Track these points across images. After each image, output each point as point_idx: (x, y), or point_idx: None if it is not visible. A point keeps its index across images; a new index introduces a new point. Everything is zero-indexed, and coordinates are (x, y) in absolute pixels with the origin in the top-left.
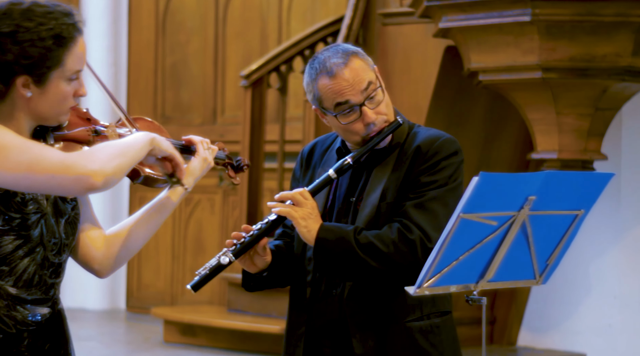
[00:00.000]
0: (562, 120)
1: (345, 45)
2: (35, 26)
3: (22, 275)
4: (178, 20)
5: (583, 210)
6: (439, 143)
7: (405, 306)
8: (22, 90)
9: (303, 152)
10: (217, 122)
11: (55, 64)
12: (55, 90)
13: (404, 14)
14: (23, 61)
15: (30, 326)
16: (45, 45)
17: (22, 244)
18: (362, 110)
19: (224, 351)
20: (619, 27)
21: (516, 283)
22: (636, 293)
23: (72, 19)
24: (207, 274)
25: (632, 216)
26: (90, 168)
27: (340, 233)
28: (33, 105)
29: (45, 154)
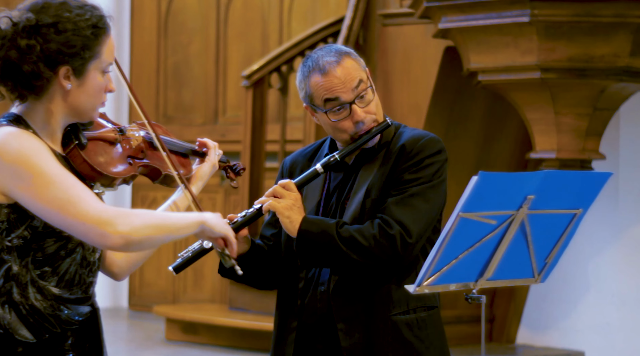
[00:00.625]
0: (561, 120)
1: (338, 45)
2: (74, 16)
3: (64, 275)
4: (180, 21)
5: (581, 209)
6: (423, 142)
7: (390, 300)
8: (63, 81)
9: (284, 164)
10: (219, 122)
11: (93, 55)
12: (93, 82)
13: (403, 15)
14: (66, 50)
15: (74, 325)
16: (85, 35)
17: (64, 245)
18: (351, 108)
19: (226, 348)
20: (617, 28)
21: (515, 282)
22: (634, 291)
23: (102, 12)
24: (189, 257)
25: (629, 215)
26: (120, 229)
27: (323, 226)
28: (71, 98)
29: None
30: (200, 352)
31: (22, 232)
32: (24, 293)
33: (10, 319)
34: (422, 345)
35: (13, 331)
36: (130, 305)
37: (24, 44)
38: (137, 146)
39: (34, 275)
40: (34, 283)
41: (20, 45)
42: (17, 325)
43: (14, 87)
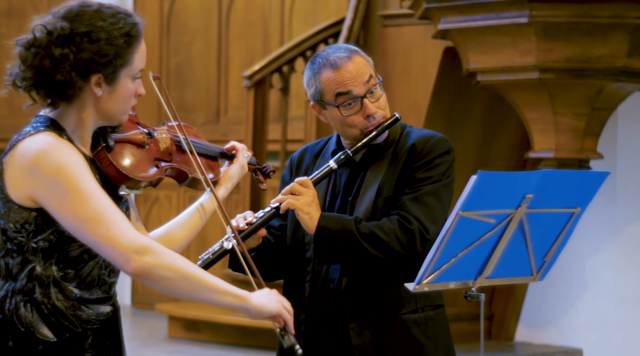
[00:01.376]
0: (559, 120)
1: (347, 45)
2: (108, 25)
3: (86, 278)
4: (182, 21)
5: (579, 208)
6: (433, 141)
7: (400, 299)
8: (94, 88)
9: (292, 158)
10: (221, 122)
11: (125, 62)
12: (124, 88)
13: (403, 16)
14: (99, 59)
15: (95, 325)
16: (118, 44)
17: (88, 249)
18: (363, 102)
19: (227, 346)
20: (615, 29)
21: (514, 280)
22: (631, 289)
23: (135, 19)
24: (210, 259)
25: (627, 214)
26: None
27: (341, 222)
28: (102, 104)
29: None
30: (202, 349)
31: (48, 236)
32: (46, 293)
33: (32, 318)
34: (430, 343)
35: (34, 330)
36: (133, 303)
37: (58, 53)
38: (166, 149)
39: (56, 276)
40: (57, 283)
41: (54, 54)
42: (38, 323)
43: (46, 94)
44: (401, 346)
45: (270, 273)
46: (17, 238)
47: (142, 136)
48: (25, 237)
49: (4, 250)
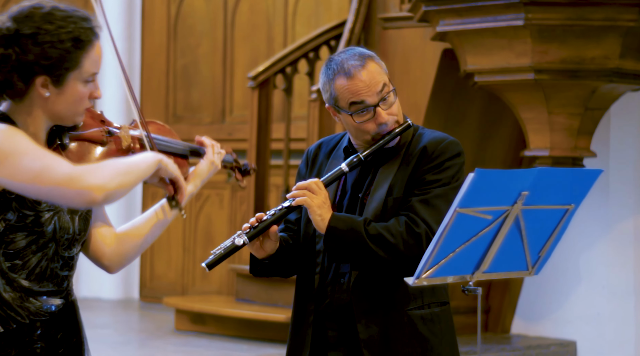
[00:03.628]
0: (554, 119)
1: (361, 49)
2: (55, 29)
3: (34, 269)
4: (188, 24)
5: (573, 204)
6: (444, 144)
7: (407, 295)
8: (40, 89)
9: (309, 151)
10: (226, 121)
11: (73, 66)
12: (72, 91)
13: (403, 19)
14: (43, 62)
15: (43, 317)
16: (64, 47)
17: (35, 240)
18: (376, 111)
19: (232, 338)
20: (608, 31)
21: (510, 274)
22: (624, 283)
23: (89, 23)
24: (222, 254)
25: (619, 210)
26: (93, 183)
27: (351, 223)
28: (50, 105)
29: (53, 165)
30: (208, 342)
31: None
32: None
33: None
34: (436, 339)
35: None
36: (141, 297)
37: (0, 53)
38: (127, 147)
39: (4, 267)
40: (4, 274)
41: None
42: None
43: None
44: (407, 341)
45: (289, 270)
46: None
47: (101, 134)
48: None
49: None
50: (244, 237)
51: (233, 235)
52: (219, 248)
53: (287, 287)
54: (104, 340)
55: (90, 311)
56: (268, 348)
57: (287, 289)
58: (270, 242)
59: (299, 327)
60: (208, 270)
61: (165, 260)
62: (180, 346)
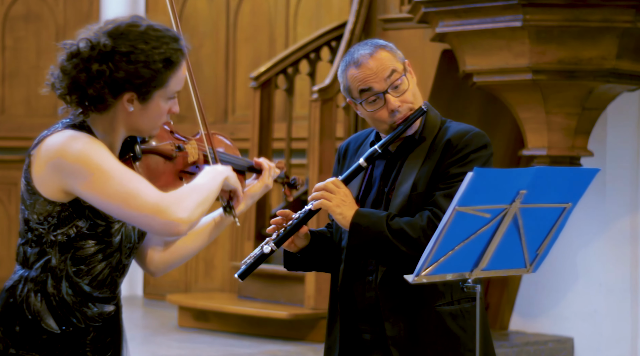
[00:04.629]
0: (551, 119)
1: (376, 40)
2: (150, 49)
3: (97, 276)
4: (191, 25)
5: (570, 203)
6: (468, 136)
7: (435, 291)
8: (126, 104)
9: (340, 150)
10: (228, 121)
11: (160, 84)
12: (156, 107)
13: (403, 20)
14: (135, 80)
15: (97, 323)
16: (156, 68)
17: (103, 249)
18: (385, 98)
19: (235, 335)
20: (604, 32)
21: (508, 272)
22: (620, 280)
23: (180, 44)
24: (252, 263)
25: (616, 208)
26: (179, 216)
27: (374, 218)
28: (133, 119)
29: (142, 191)
30: (211, 338)
31: (68, 230)
32: (57, 286)
33: (40, 307)
34: (466, 335)
35: (41, 319)
36: (145, 294)
37: (95, 69)
38: (193, 162)
39: (70, 271)
40: (69, 278)
41: (91, 69)
42: (45, 314)
43: (79, 101)
44: (436, 338)
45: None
46: (38, 230)
47: (171, 148)
48: (46, 229)
49: (25, 239)
50: (272, 245)
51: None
52: (248, 258)
53: (288, 285)
54: None
55: None
56: (270, 344)
57: (289, 286)
58: (301, 239)
59: (331, 327)
60: (241, 280)
61: None
62: (184, 343)
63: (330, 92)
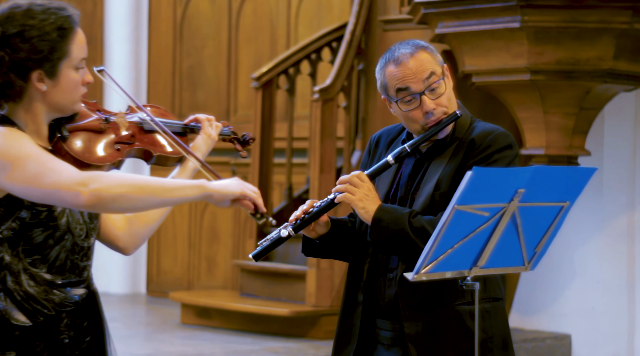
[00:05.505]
0: (549, 119)
1: (417, 40)
2: (38, 22)
3: (55, 262)
4: (194, 26)
5: (568, 201)
6: (492, 136)
7: (455, 290)
8: (37, 84)
9: (371, 141)
10: (230, 121)
11: (63, 55)
12: (67, 80)
13: (403, 21)
14: (34, 56)
15: (68, 307)
16: (51, 38)
17: (51, 234)
18: (421, 99)
19: (237, 332)
20: (602, 33)
21: (506, 270)
22: (617, 278)
23: (68, 11)
24: (268, 245)
25: (613, 207)
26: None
27: (396, 214)
28: (49, 97)
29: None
30: (213, 335)
31: (11, 224)
32: (17, 280)
33: (6, 305)
34: (485, 335)
35: (9, 317)
36: (148, 291)
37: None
38: (126, 131)
39: (25, 263)
40: (26, 270)
41: None
42: (12, 310)
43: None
44: (455, 337)
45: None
46: None
47: (99, 122)
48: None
49: None
50: (290, 230)
51: (280, 226)
52: (265, 240)
53: (290, 282)
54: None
55: None
56: (272, 341)
57: (291, 284)
58: (320, 227)
59: (346, 317)
60: (255, 261)
61: (172, 256)
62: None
63: (331, 92)
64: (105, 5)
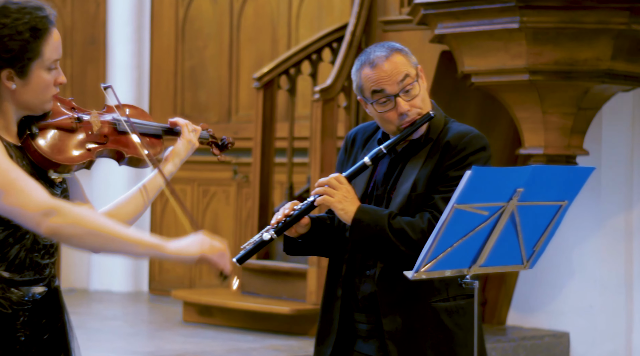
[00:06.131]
0: (548, 119)
1: (393, 43)
2: (12, 21)
3: (14, 261)
4: (196, 27)
5: (566, 200)
6: (467, 139)
7: (432, 288)
8: (6, 83)
9: (347, 139)
10: (232, 121)
11: (34, 55)
12: (37, 80)
13: (403, 22)
14: (4, 55)
15: (26, 306)
16: (23, 38)
17: (12, 233)
18: (396, 101)
19: (239, 330)
20: (599, 34)
21: (505, 268)
22: (615, 276)
23: (44, 12)
24: (251, 249)
25: (611, 206)
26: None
27: (376, 216)
28: (18, 96)
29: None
30: (215, 333)
31: None
32: None
33: None
34: (460, 331)
35: None
36: (151, 290)
37: None
38: (99, 131)
39: None
40: None
41: None
42: None
43: None
44: (431, 333)
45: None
46: None
47: (71, 121)
48: None
49: None
50: (272, 233)
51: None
52: (248, 243)
53: (291, 281)
54: (115, 331)
55: (101, 303)
56: (273, 339)
57: (292, 282)
58: (302, 227)
59: (326, 311)
60: (239, 264)
61: None
62: (188, 338)
63: (331, 93)
64: (107, 6)
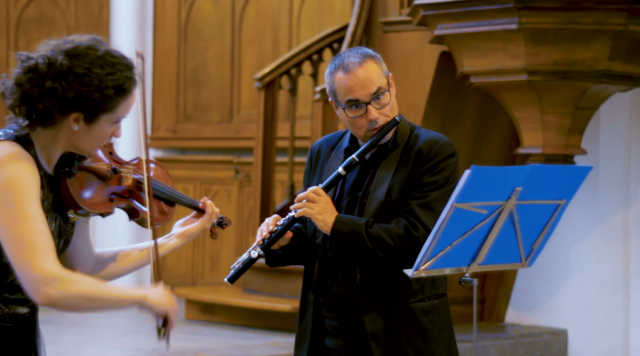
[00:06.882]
0: (546, 119)
1: (366, 49)
2: (104, 74)
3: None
4: (198, 28)
5: (565, 199)
6: (438, 145)
7: (409, 289)
8: (72, 123)
9: (312, 150)
10: (234, 120)
11: (109, 109)
12: (100, 130)
13: (402, 22)
14: (85, 102)
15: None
16: (107, 93)
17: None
18: (367, 108)
19: (240, 327)
20: (597, 35)
21: (504, 266)
22: (612, 274)
23: (133, 73)
24: (240, 267)
25: (608, 205)
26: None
27: (353, 225)
28: (75, 138)
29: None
30: (217, 330)
31: None
32: None
33: None
34: (436, 329)
35: None
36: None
37: (48, 86)
38: (126, 186)
39: None
40: None
41: (44, 85)
42: None
43: (27, 114)
44: (410, 332)
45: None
46: None
47: (106, 169)
48: None
49: None
50: (258, 250)
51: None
52: (237, 263)
53: (292, 279)
54: (119, 329)
55: None
56: (274, 336)
57: (293, 280)
58: (284, 240)
59: (301, 317)
60: (230, 284)
61: (176, 253)
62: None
63: None
64: (111, 8)
